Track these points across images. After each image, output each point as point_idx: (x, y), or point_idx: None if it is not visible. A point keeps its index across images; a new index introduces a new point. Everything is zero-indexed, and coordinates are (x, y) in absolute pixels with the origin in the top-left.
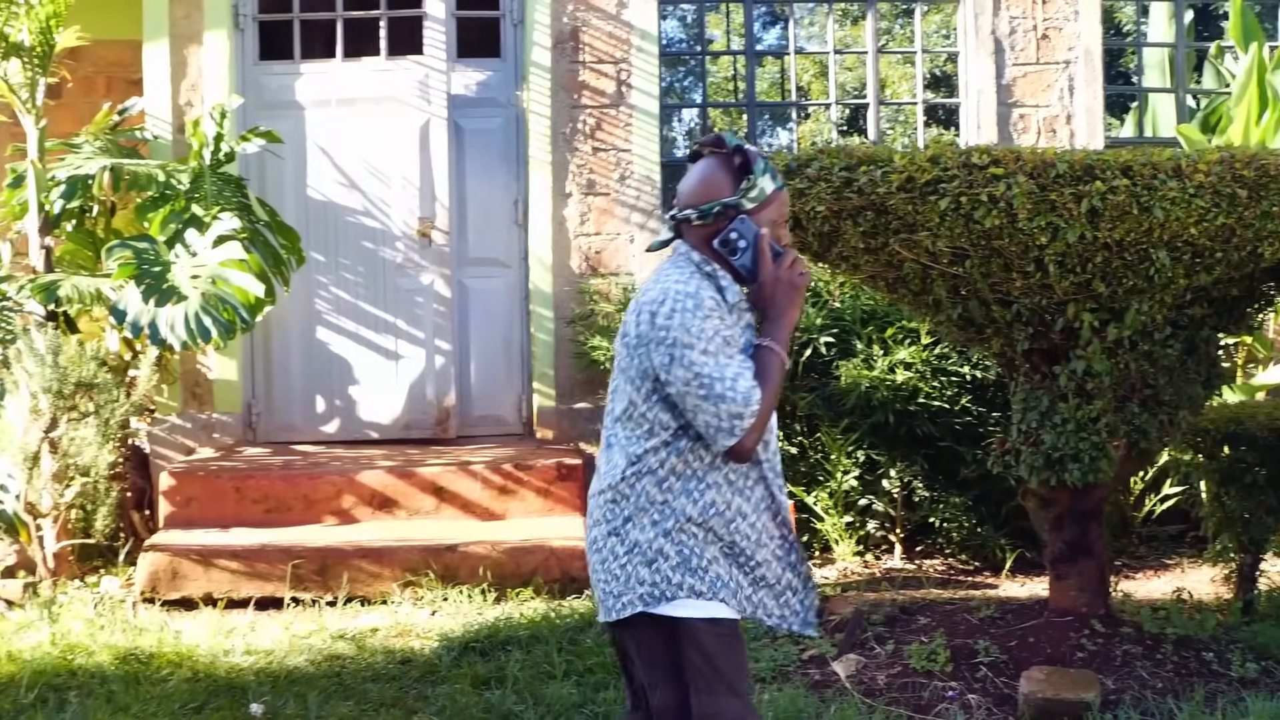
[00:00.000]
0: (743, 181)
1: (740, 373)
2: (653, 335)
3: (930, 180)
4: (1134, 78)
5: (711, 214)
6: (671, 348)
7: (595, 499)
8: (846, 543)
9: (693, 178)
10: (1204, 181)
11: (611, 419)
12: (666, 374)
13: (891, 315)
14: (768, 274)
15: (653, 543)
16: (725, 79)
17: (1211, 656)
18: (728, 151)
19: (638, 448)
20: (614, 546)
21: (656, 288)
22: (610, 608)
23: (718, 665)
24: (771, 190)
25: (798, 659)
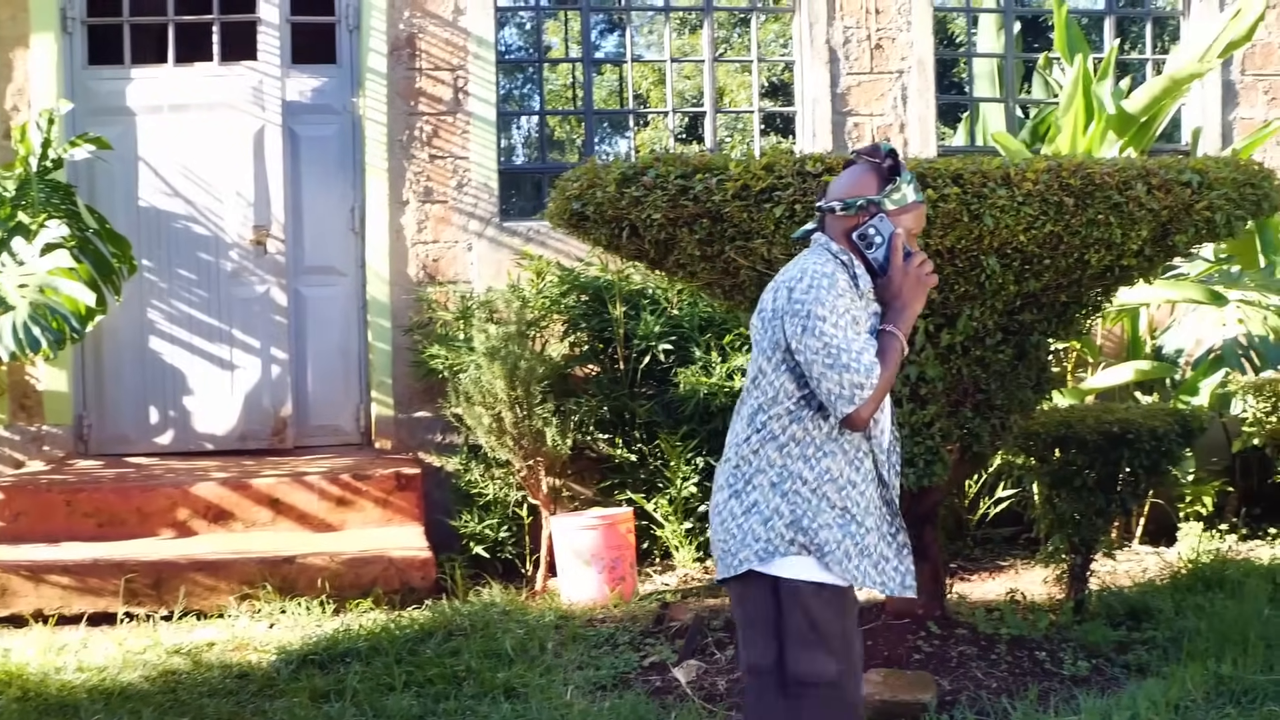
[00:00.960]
0: (888, 184)
1: (865, 348)
2: (789, 308)
3: (765, 188)
4: (965, 87)
5: (855, 207)
6: (806, 319)
7: (722, 466)
8: (687, 549)
9: (844, 177)
10: (1032, 190)
11: (744, 390)
12: (798, 343)
13: (729, 322)
14: (898, 269)
15: (769, 502)
16: (564, 86)
17: (1044, 656)
18: (880, 157)
19: (763, 415)
20: (733, 507)
21: (795, 268)
22: (728, 565)
23: (819, 627)
24: (912, 199)
25: (639, 665)
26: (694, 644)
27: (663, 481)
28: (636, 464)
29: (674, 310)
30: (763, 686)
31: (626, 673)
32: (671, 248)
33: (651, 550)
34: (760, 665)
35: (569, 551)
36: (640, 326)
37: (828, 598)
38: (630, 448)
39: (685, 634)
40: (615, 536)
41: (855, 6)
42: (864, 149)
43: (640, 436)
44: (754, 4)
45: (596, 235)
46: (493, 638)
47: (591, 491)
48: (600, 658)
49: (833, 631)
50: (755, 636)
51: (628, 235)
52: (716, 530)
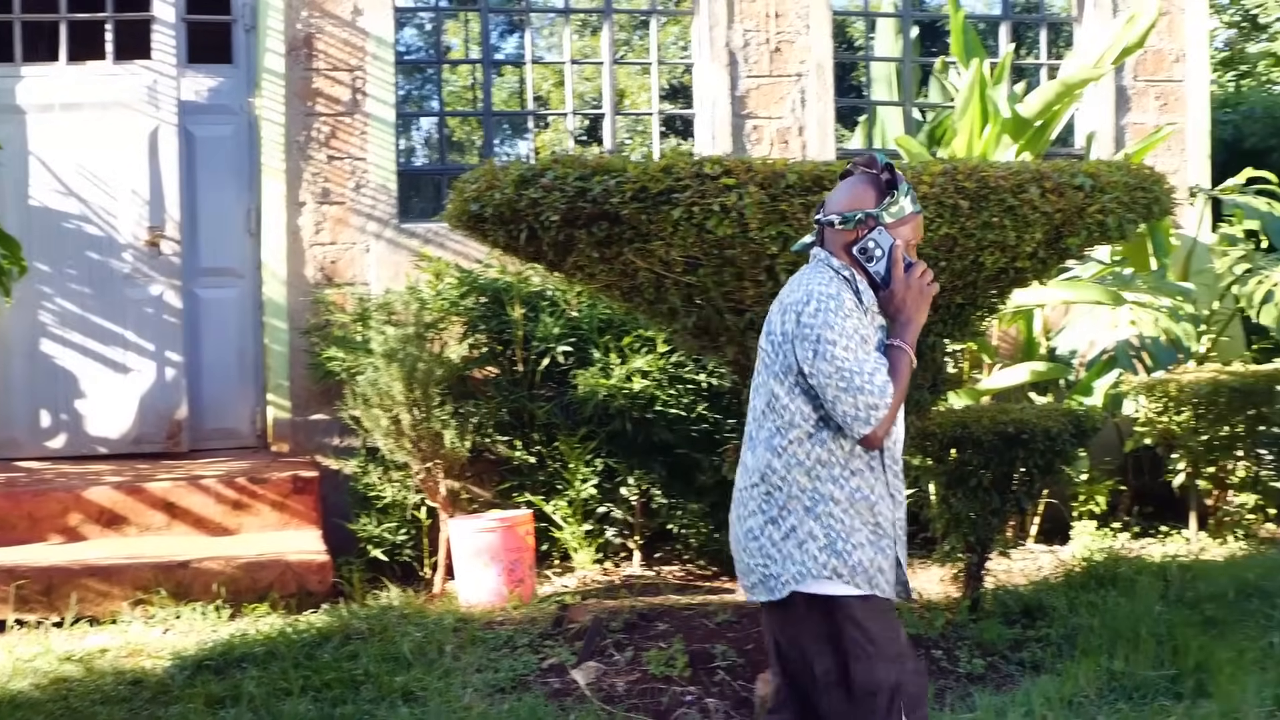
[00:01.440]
0: (886, 198)
1: (876, 368)
2: (798, 332)
3: (663, 190)
4: (864, 91)
5: (853, 221)
6: (816, 343)
7: (747, 491)
8: (586, 551)
9: (842, 190)
10: (928, 193)
11: (754, 414)
12: (810, 367)
13: (628, 324)
14: (899, 282)
15: (804, 525)
16: (465, 87)
17: (940, 654)
18: (877, 170)
19: (781, 439)
20: (771, 533)
21: (801, 290)
22: (770, 588)
23: (873, 635)
24: (910, 211)
25: (537, 668)
26: (593, 645)
27: (562, 483)
28: (535, 466)
29: (573, 312)
30: (833, 699)
31: (525, 675)
32: (570, 249)
33: (551, 552)
34: (827, 677)
35: (468, 554)
36: (539, 328)
37: (873, 605)
38: (529, 449)
39: (584, 636)
40: (514, 538)
41: (755, 10)
42: (861, 159)
43: (539, 438)
44: (654, 6)
45: (495, 237)
46: (391, 641)
47: (490, 494)
48: (499, 660)
49: (886, 639)
50: (818, 650)
51: (526, 237)
52: (753, 555)
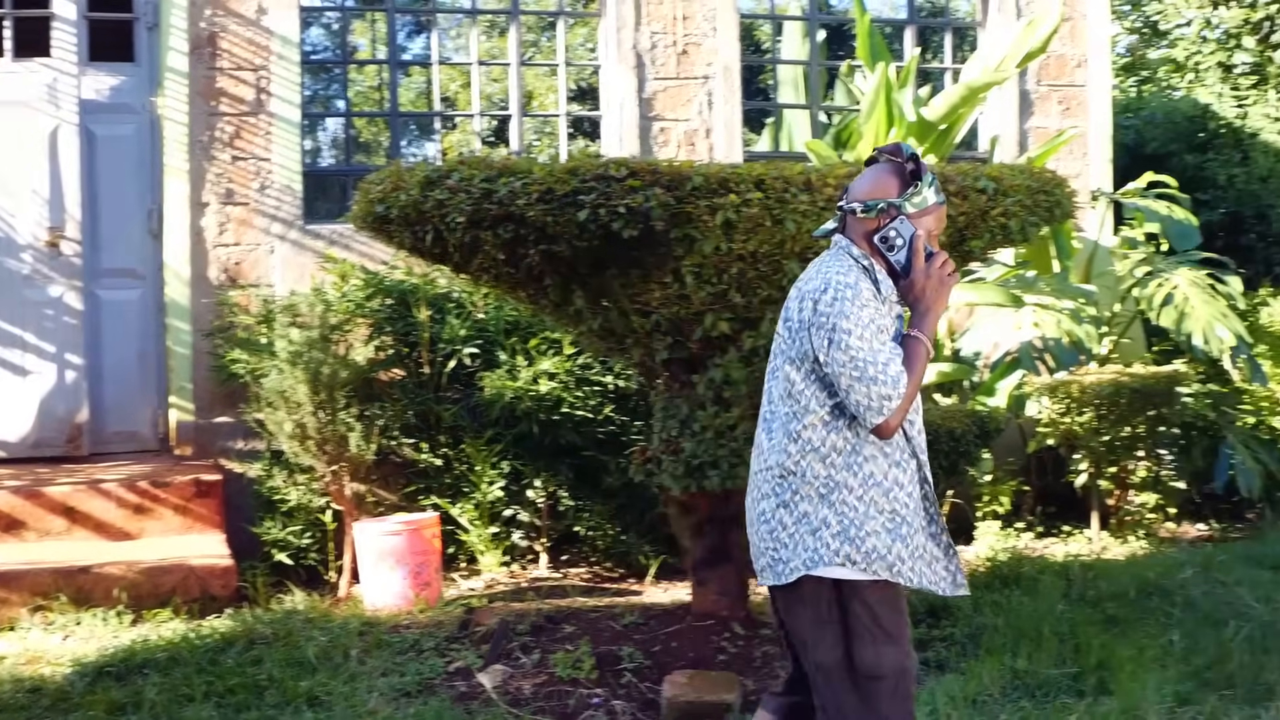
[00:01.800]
0: (910, 187)
1: (891, 359)
2: (814, 320)
3: (569, 192)
4: (771, 93)
5: (876, 209)
6: (831, 332)
7: (761, 474)
8: (492, 553)
9: (866, 178)
10: (833, 195)
11: (770, 399)
12: (825, 355)
13: (535, 326)
14: (919, 271)
15: (818, 512)
16: (371, 88)
17: None
18: (902, 159)
19: (797, 424)
20: (783, 518)
21: (819, 278)
22: (778, 573)
23: (880, 618)
24: (933, 202)
25: (443, 671)
26: (499, 648)
27: (468, 486)
28: (442, 468)
29: (480, 314)
30: (831, 681)
31: (431, 679)
32: (475, 251)
33: (457, 555)
34: (827, 662)
35: (373, 557)
36: (446, 330)
37: (883, 589)
38: (436, 452)
39: (491, 639)
40: (420, 541)
41: (662, 12)
42: (886, 148)
43: (446, 441)
44: (561, 8)
45: (400, 238)
46: (295, 646)
47: (397, 497)
48: (405, 664)
49: (893, 622)
50: (821, 635)
51: (432, 238)
52: (764, 539)
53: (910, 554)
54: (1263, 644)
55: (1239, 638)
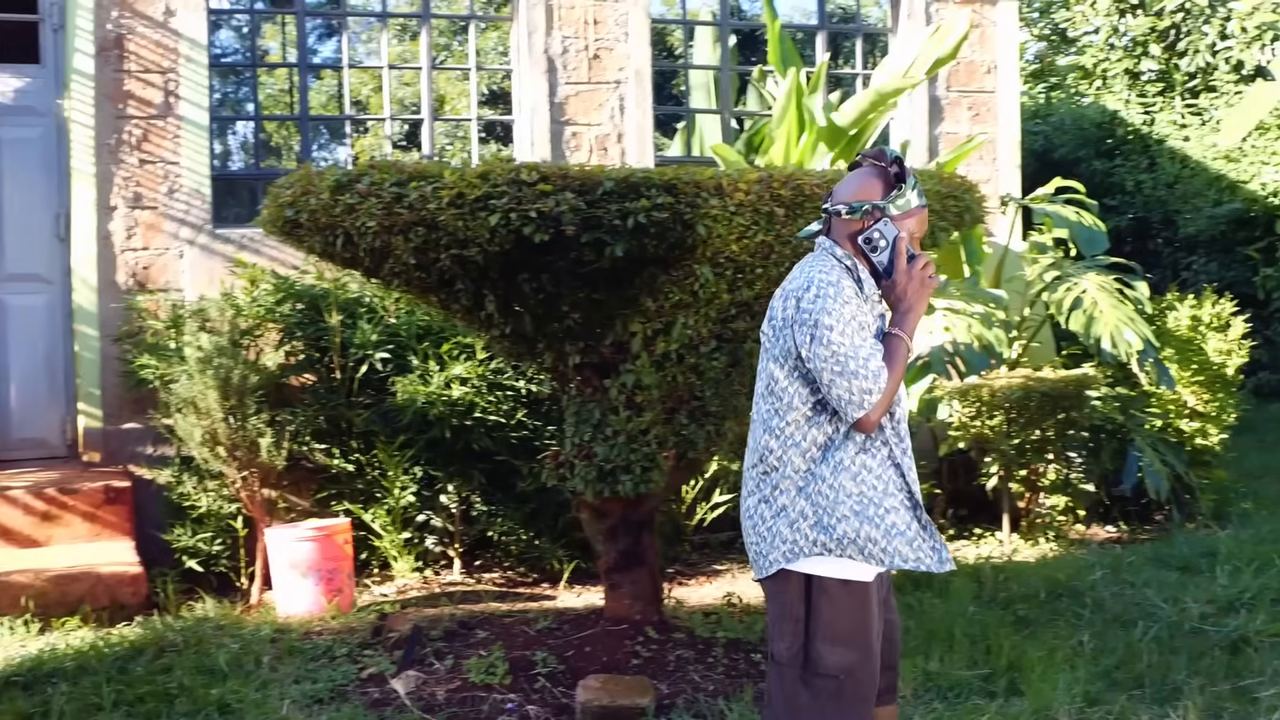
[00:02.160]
0: (893, 190)
1: (872, 354)
2: (797, 318)
3: (480, 196)
4: (683, 99)
5: (860, 211)
6: (814, 328)
7: (748, 471)
8: (405, 559)
9: (851, 181)
10: (744, 200)
11: (756, 397)
12: (807, 351)
13: (447, 330)
14: (901, 273)
15: (795, 505)
16: (282, 91)
17: (760, 657)
18: (887, 162)
19: (779, 421)
20: (763, 511)
21: (802, 276)
22: (761, 567)
23: (841, 619)
24: (916, 204)
25: (356, 678)
26: (412, 654)
27: (381, 491)
28: (354, 474)
29: (391, 319)
30: (783, 678)
31: (344, 685)
32: (386, 256)
33: (370, 561)
34: (782, 657)
35: (285, 563)
36: (357, 335)
37: (852, 591)
38: (347, 458)
39: (404, 645)
40: (332, 547)
41: (574, 17)
42: (870, 152)
43: (358, 446)
44: (473, 12)
45: (310, 243)
46: (206, 653)
47: (308, 502)
48: (317, 670)
49: (855, 625)
50: (782, 631)
51: (342, 243)
52: (749, 533)
53: (883, 534)
54: (1170, 644)
55: (1147, 638)
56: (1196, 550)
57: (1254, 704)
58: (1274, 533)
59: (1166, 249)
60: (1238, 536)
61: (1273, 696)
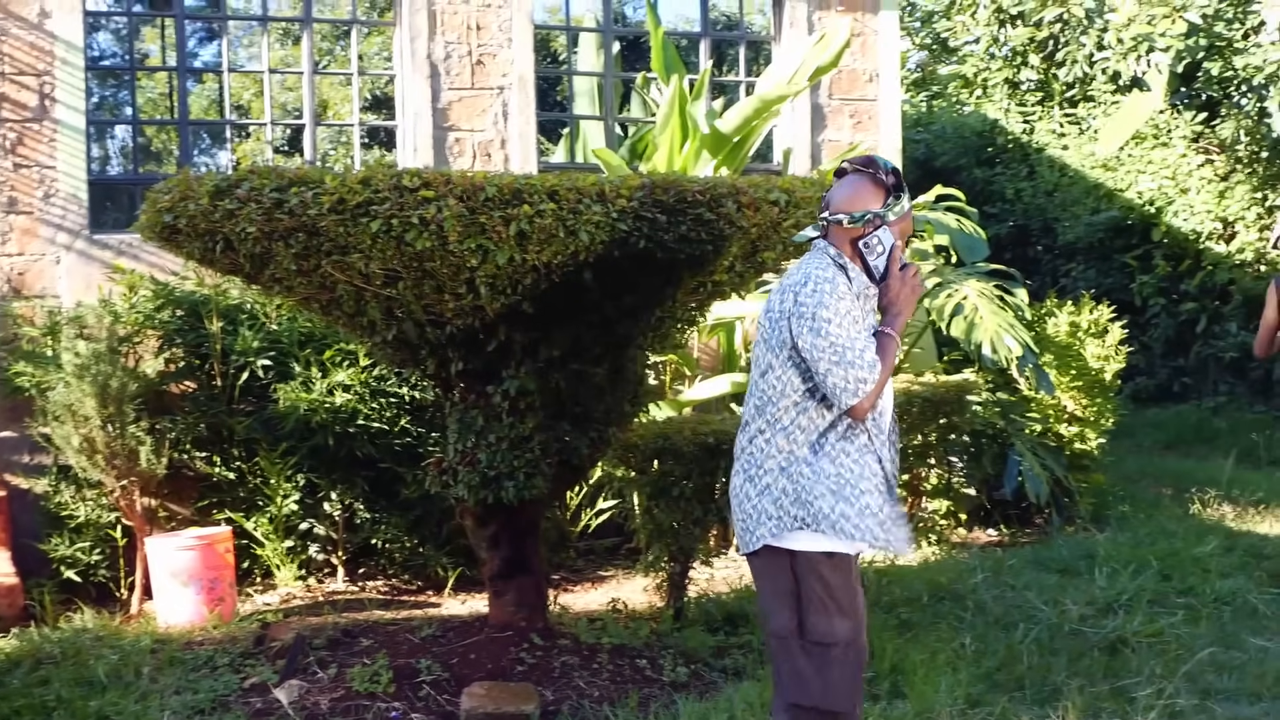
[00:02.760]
0: (890, 198)
1: (867, 346)
2: (795, 310)
3: (362, 202)
4: (567, 105)
5: (862, 220)
6: (812, 320)
7: (739, 454)
8: (288, 567)
9: (846, 189)
10: (626, 206)
11: (752, 382)
12: (804, 342)
13: (330, 337)
14: (895, 278)
15: (778, 483)
16: (163, 95)
17: (645, 663)
18: (881, 172)
19: (772, 407)
20: (748, 490)
21: (800, 273)
22: (747, 542)
23: (833, 591)
24: (906, 209)
25: (239, 688)
26: (295, 663)
27: (263, 499)
28: (236, 482)
29: (273, 325)
30: (786, 650)
31: (226, 695)
32: (267, 262)
33: (252, 570)
34: (782, 630)
35: (166, 573)
36: (238, 342)
37: (837, 563)
38: (229, 465)
39: (286, 654)
40: (213, 556)
41: (456, 22)
42: (858, 160)
43: (239, 454)
44: (355, 16)
45: (190, 249)
46: (85, 665)
47: (189, 511)
48: (198, 681)
49: (844, 595)
50: (778, 605)
51: (222, 249)
52: (736, 512)
53: (857, 513)
54: (1050, 646)
55: (1027, 640)
56: (1076, 553)
57: (1131, 704)
58: (1151, 535)
59: (1046, 256)
60: (1116, 539)
61: (1149, 696)
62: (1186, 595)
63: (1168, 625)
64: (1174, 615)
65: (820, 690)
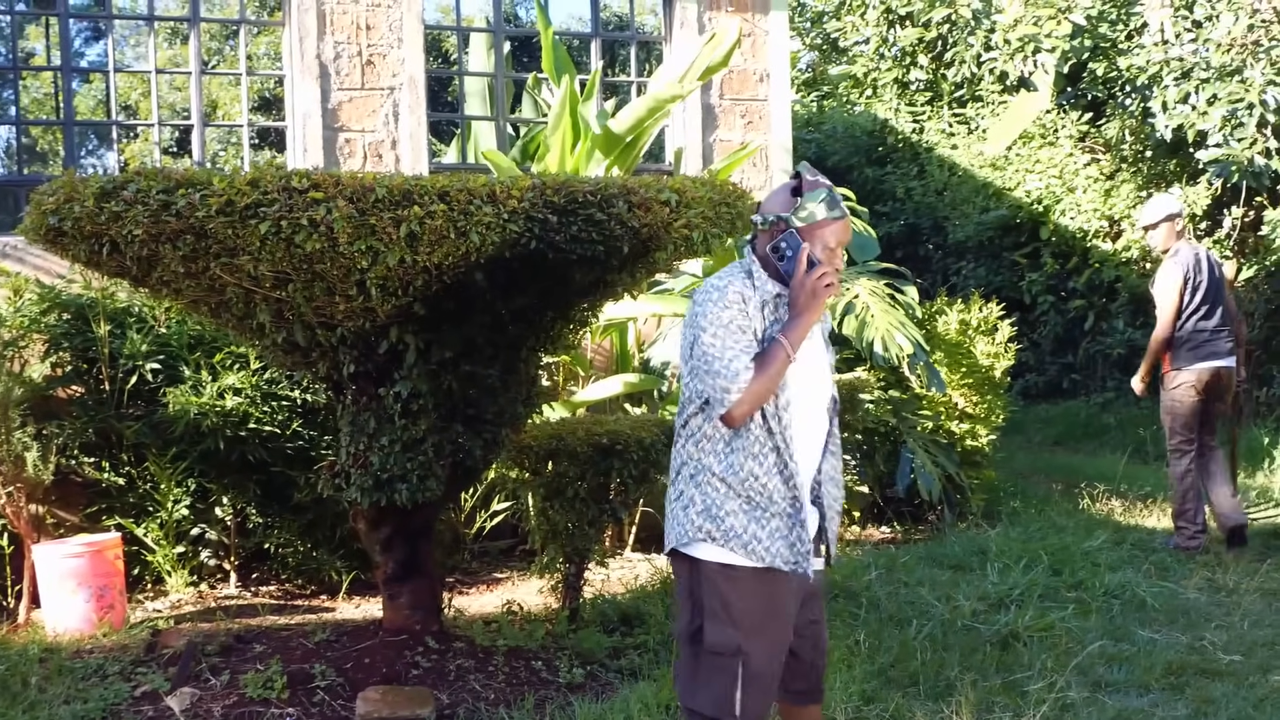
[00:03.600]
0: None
1: (737, 355)
2: (688, 320)
3: (250, 204)
4: (458, 105)
5: (768, 223)
6: (693, 329)
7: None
8: (179, 573)
9: (773, 194)
10: (517, 207)
11: None
12: (688, 350)
13: (220, 340)
14: (796, 280)
15: (688, 491)
16: (48, 95)
17: (541, 665)
18: (799, 178)
19: (683, 415)
20: (670, 494)
21: (706, 282)
22: (664, 545)
23: (728, 600)
24: (822, 216)
25: (130, 696)
26: (187, 671)
27: (153, 505)
28: (125, 488)
29: (162, 328)
30: (684, 653)
31: (117, 704)
32: (155, 265)
33: (143, 576)
34: (678, 632)
35: (53, 580)
36: (126, 345)
37: (736, 577)
38: (118, 471)
39: (178, 661)
40: (103, 563)
41: (346, 22)
42: (796, 170)
43: (128, 459)
44: (243, 16)
45: (75, 251)
46: None
47: (78, 517)
48: (88, 690)
49: (742, 608)
50: (681, 607)
51: (108, 251)
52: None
53: (768, 535)
54: (943, 641)
55: (921, 636)
56: (968, 549)
57: (1023, 697)
58: (1041, 530)
59: (936, 254)
60: (1007, 535)
61: (1041, 689)
62: (1077, 589)
63: (1059, 619)
64: (1065, 609)
65: (700, 695)
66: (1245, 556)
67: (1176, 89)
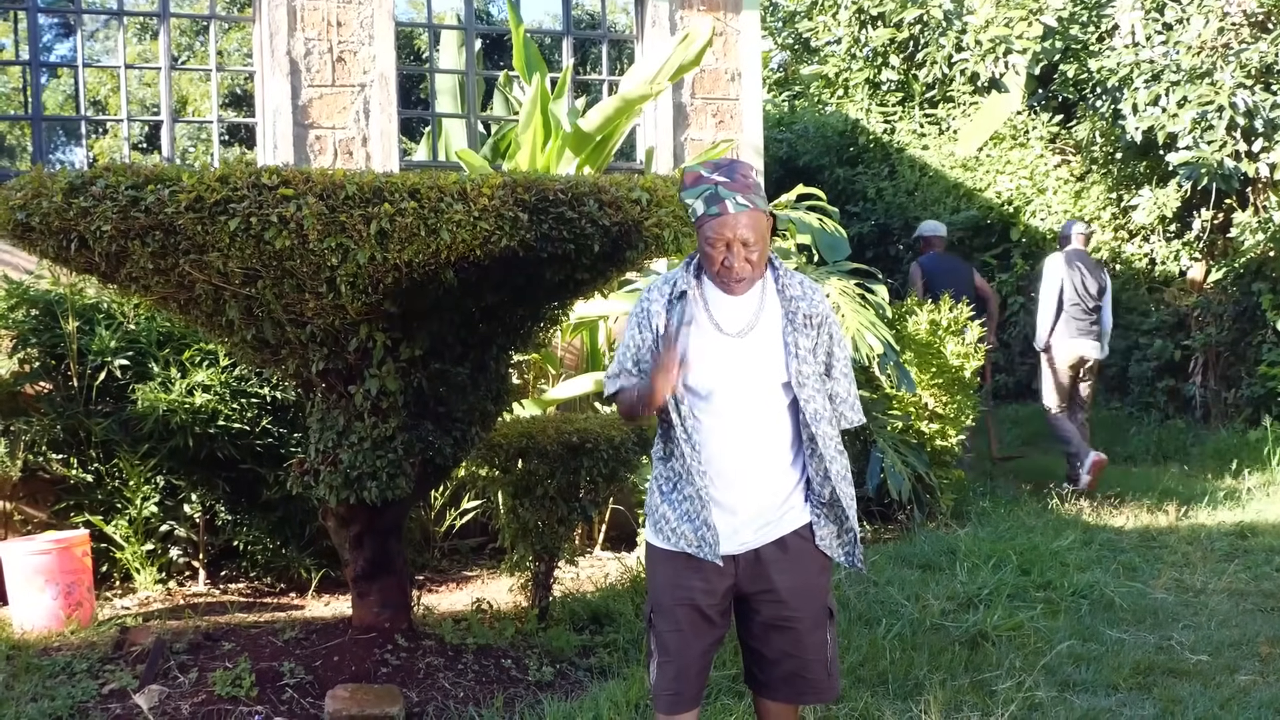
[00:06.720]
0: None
1: (623, 354)
2: None
3: (220, 200)
4: (429, 103)
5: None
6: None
7: None
8: (148, 571)
9: None
10: (488, 205)
11: None
12: None
13: (189, 337)
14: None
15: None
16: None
17: (510, 663)
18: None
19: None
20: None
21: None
22: None
23: (649, 577)
24: (701, 212)
25: (97, 694)
26: (155, 668)
27: (122, 502)
28: (94, 484)
29: (131, 325)
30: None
31: (84, 702)
32: (124, 261)
33: (111, 573)
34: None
35: (21, 577)
36: (95, 342)
37: (649, 555)
38: (86, 468)
39: (146, 659)
40: (71, 560)
41: (317, 18)
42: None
43: (97, 456)
44: (213, 12)
45: (44, 247)
46: None
47: (46, 514)
48: (56, 688)
49: (653, 584)
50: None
51: (77, 247)
52: None
53: (677, 517)
54: (912, 641)
55: (890, 635)
56: (937, 549)
57: (992, 697)
58: (1010, 530)
59: (906, 254)
60: (976, 534)
61: (1009, 689)
62: (1045, 589)
63: (1027, 619)
64: (1033, 609)
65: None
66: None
67: (1147, 91)
